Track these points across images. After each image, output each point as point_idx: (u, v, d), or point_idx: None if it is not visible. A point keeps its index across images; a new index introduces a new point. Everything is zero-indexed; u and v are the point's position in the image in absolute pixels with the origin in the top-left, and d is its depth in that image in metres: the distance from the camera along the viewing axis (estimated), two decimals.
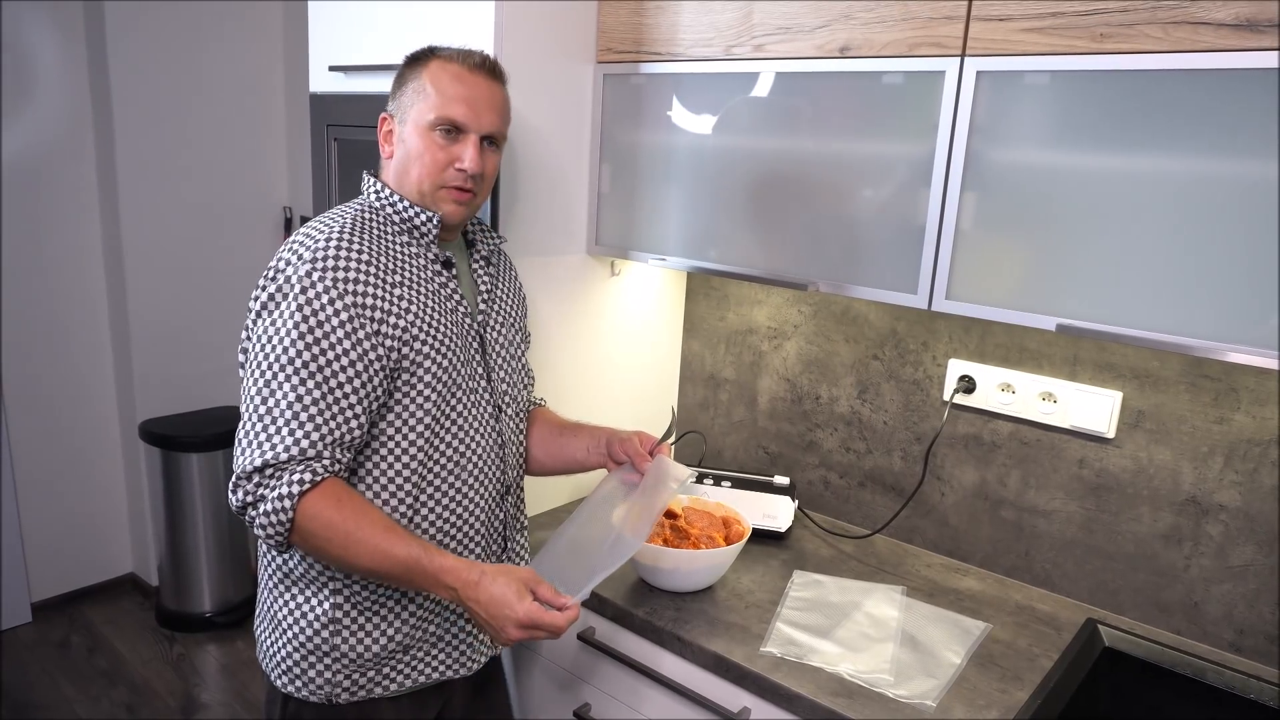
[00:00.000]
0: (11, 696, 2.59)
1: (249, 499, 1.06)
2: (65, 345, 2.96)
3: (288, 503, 1.04)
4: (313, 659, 1.20)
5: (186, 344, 3.10)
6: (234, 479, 1.07)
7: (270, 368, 1.08)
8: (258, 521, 1.06)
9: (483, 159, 1.20)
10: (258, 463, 1.05)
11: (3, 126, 2.72)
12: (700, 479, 1.78)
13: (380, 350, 1.11)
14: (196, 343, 3.12)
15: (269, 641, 1.24)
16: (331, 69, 1.76)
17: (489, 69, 1.21)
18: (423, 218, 1.20)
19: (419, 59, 1.21)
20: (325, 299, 1.08)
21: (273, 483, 1.05)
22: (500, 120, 1.22)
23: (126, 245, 2.91)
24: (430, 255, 1.21)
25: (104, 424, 3.10)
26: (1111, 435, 1.48)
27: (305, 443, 1.06)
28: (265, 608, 1.25)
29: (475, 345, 1.26)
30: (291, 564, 1.20)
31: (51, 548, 3.02)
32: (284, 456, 1.05)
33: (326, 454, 1.07)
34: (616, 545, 1.21)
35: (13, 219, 2.78)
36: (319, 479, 1.06)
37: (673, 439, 1.34)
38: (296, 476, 1.05)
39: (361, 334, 1.09)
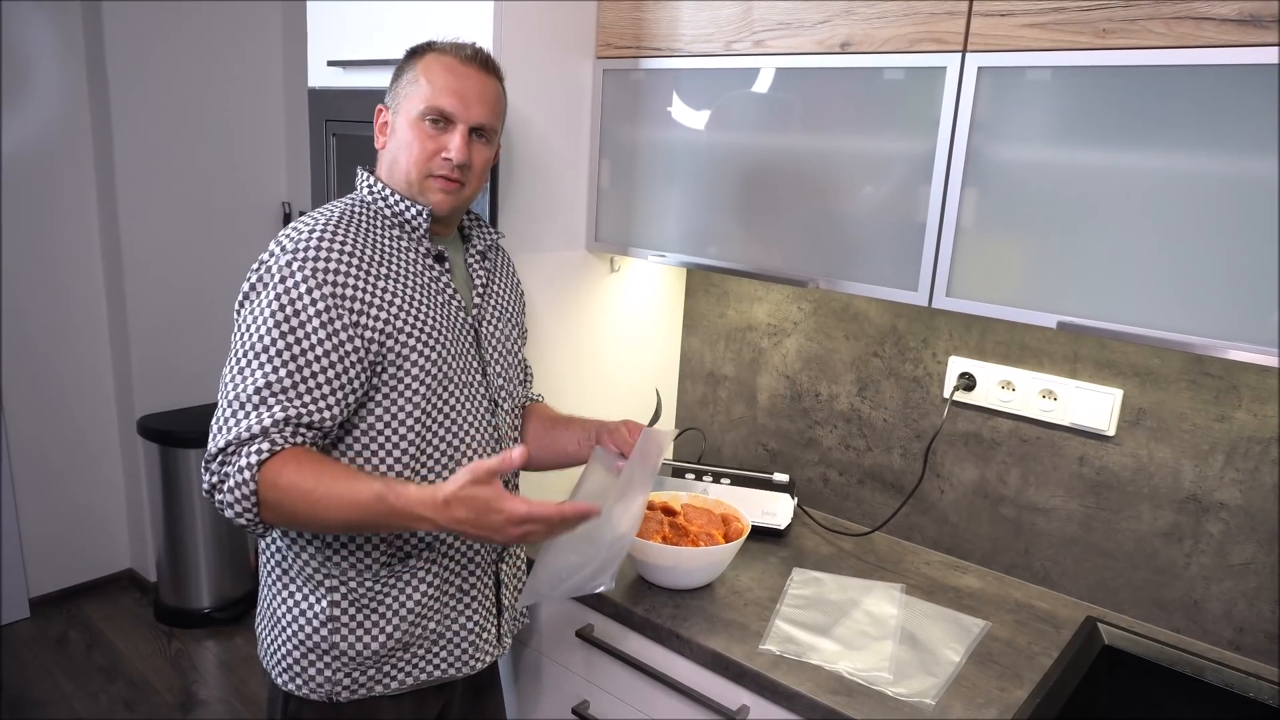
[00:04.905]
0: (9, 692, 2.58)
1: (215, 480, 1.06)
2: (64, 341, 2.96)
3: (248, 474, 1.03)
4: (312, 657, 1.19)
5: (185, 339, 3.09)
6: (203, 464, 1.07)
7: (245, 355, 1.08)
8: (225, 501, 1.05)
9: (471, 150, 1.20)
10: (221, 444, 1.05)
11: (1, 123, 2.71)
12: (699, 476, 1.77)
13: (359, 342, 1.10)
14: (195, 338, 3.11)
15: (269, 639, 1.24)
16: (330, 64, 1.75)
17: (481, 61, 1.22)
18: (413, 211, 1.20)
19: (417, 52, 1.24)
20: (303, 288, 1.08)
21: (234, 459, 1.04)
22: (490, 113, 1.22)
23: (125, 241, 2.90)
24: (422, 249, 1.21)
25: (102, 420, 3.09)
26: (1112, 433, 1.47)
27: (269, 421, 1.05)
28: (265, 605, 1.25)
29: (470, 339, 1.25)
30: (289, 561, 1.20)
31: (50, 543, 3.02)
32: (245, 435, 1.04)
33: (289, 429, 1.06)
34: (617, 536, 1.21)
35: (11, 215, 2.78)
36: (278, 448, 1.05)
37: (661, 423, 1.33)
38: (254, 448, 1.04)
39: (338, 324, 1.09)
